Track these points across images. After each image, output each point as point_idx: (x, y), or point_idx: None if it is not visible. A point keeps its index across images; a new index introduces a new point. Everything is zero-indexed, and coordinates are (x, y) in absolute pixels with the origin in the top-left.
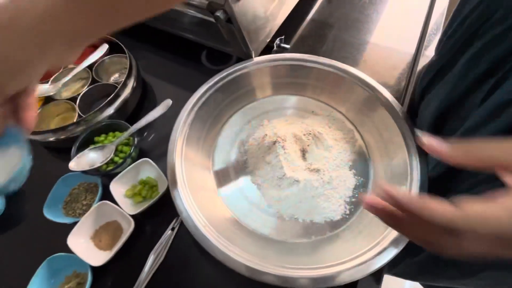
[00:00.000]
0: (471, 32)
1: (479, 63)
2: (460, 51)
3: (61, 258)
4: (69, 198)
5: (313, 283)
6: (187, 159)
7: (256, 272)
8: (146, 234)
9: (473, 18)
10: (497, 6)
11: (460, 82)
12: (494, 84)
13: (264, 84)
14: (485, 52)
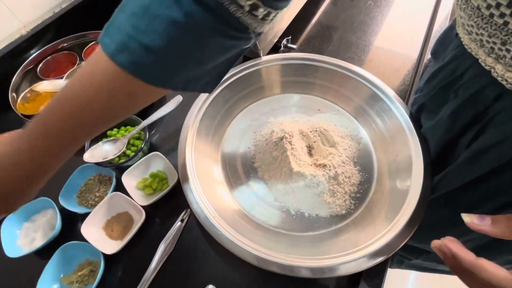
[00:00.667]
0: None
1: (461, 116)
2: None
3: (74, 246)
4: (84, 188)
5: (318, 273)
6: (197, 152)
7: (264, 262)
8: (156, 225)
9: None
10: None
11: (449, 129)
12: (476, 133)
13: (272, 82)
14: (465, 107)
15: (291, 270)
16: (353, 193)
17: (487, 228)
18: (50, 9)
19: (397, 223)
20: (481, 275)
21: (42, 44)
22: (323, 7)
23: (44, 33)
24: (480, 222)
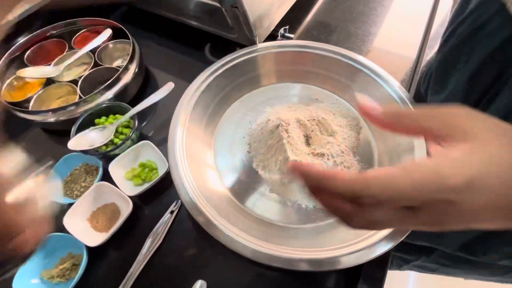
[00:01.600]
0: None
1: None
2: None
3: (56, 238)
4: (69, 178)
5: (317, 265)
6: (188, 144)
7: (259, 254)
8: (144, 217)
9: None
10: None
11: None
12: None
13: (268, 71)
14: (484, 69)
15: (288, 263)
16: None
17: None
18: None
19: None
20: (331, 185)
21: (30, 31)
22: None
23: (32, 20)
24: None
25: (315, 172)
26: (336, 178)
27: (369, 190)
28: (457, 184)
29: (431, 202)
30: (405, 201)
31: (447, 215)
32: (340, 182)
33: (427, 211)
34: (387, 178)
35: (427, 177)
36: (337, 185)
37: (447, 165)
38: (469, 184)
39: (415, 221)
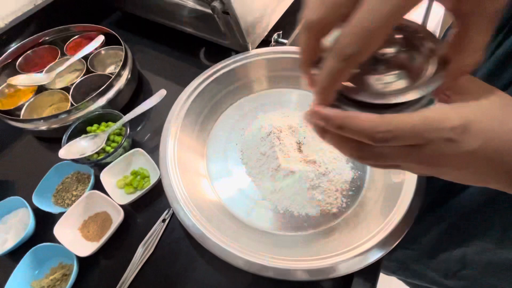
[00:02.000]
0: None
1: None
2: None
3: (46, 248)
4: (61, 186)
5: (309, 275)
6: (180, 151)
7: (252, 265)
8: (136, 225)
9: None
10: None
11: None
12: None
13: (260, 77)
14: None
15: (280, 274)
16: (345, 190)
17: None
18: (30, 1)
19: (393, 217)
20: (352, 126)
21: (22, 38)
22: None
23: (24, 26)
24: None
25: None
26: (356, 118)
27: (389, 125)
28: (456, 124)
29: (434, 139)
30: (414, 139)
31: (445, 154)
32: (362, 120)
33: (429, 148)
34: (404, 117)
35: (435, 117)
36: (358, 123)
37: (449, 108)
38: (466, 126)
39: (417, 158)
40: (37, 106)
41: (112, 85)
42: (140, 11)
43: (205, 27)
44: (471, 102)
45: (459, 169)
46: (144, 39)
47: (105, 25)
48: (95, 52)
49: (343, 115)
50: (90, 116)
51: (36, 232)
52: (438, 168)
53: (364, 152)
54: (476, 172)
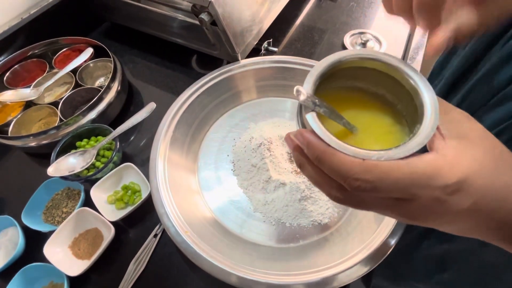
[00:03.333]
0: None
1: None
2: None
3: (36, 268)
4: (51, 203)
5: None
6: (170, 164)
7: (244, 281)
8: (128, 241)
9: None
10: None
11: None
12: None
13: (250, 87)
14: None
15: None
16: None
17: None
18: (17, 15)
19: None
20: (330, 162)
21: (10, 52)
22: (306, 9)
23: (11, 40)
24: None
25: (317, 145)
26: (336, 155)
27: (368, 174)
28: (448, 183)
29: (422, 196)
30: (399, 192)
31: (432, 212)
32: (340, 162)
33: (415, 205)
34: (388, 167)
35: (425, 172)
36: (337, 163)
37: (443, 162)
38: (458, 187)
39: (400, 211)
40: (25, 121)
41: (102, 98)
42: (130, 23)
43: (195, 38)
44: (465, 153)
45: (447, 224)
46: (135, 49)
47: (95, 35)
48: (84, 65)
49: (323, 148)
50: (80, 131)
51: (26, 250)
52: (423, 222)
53: (343, 194)
54: (464, 227)
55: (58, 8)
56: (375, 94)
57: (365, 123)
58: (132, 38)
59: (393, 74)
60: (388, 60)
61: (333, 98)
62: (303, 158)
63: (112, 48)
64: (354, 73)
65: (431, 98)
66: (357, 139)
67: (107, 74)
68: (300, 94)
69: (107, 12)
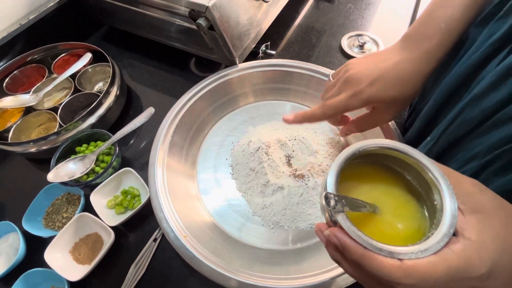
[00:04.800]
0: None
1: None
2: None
3: (38, 274)
4: (51, 208)
5: None
6: (169, 169)
7: (243, 285)
8: (128, 246)
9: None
10: None
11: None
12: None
13: (248, 90)
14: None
15: None
16: None
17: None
18: (16, 21)
19: None
20: (370, 265)
21: (9, 58)
22: (304, 11)
23: (10, 46)
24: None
25: (354, 249)
26: (375, 259)
27: (409, 279)
28: (482, 272)
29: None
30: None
31: None
32: (380, 266)
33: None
34: (426, 268)
35: (459, 266)
36: (376, 267)
37: (471, 251)
38: (490, 273)
39: None
40: (25, 127)
41: (101, 103)
42: (128, 27)
43: (192, 42)
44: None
45: None
46: (133, 52)
47: (93, 40)
48: (82, 70)
49: (361, 252)
50: (79, 136)
51: (27, 256)
52: None
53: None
54: None
55: (57, 14)
56: (387, 167)
57: (381, 194)
58: (131, 42)
59: (409, 161)
60: (407, 151)
61: (349, 174)
62: (339, 255)
63: (110, 52)
64: (370, 155)
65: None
66: (379, 216)
67: (106, 79)
68: (330, 200)
69: (105, 16)
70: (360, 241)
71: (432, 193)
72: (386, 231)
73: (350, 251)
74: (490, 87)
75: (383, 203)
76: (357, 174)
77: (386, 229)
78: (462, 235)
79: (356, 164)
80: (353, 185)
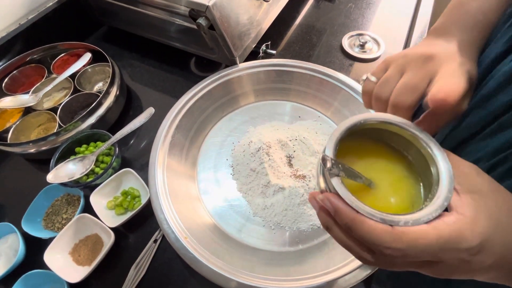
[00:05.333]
0: None
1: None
2: None
3: (37, 275)
4: (50, 209)
5: None
6: (169, 169)
7: (244, 286)
8: (128, 247)
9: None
10: None
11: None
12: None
13: (248, 90)
14: None
15: None
16: None
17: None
18: (15, 21)
19: None
20: (360, 229)
21: (8, 58)
22: (304, 11)
23: (9, 46)
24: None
25: (346, 213)
26: (366, 223)
27: (399, 243)
28: (473, 246)
29: (449, 259)
30: (427, 257)
31: (458, 270)
32: (370, 229)
33: (442, 265)
34: (416, 234)
35: (451, 236)
36: (367, 231)
37: (464, 224)
38: (481, 247)
39: (428, 270)
40: (24, 127)
41: (101, 103)
42: (127, 27)
43: (192, 42)
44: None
45: (471, 277)
46: (133, 52)
47: (93, 40)
48: (82, 70)
49: (352, 216)
50: (79, 137)
51: (26, 257)
52: (449, 277)
53: (373, 258)
54: (488, 278)
55: (56, 14)
56: (387, 145)
57: (378, 170)
58: (130, 42)
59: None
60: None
61: (348, 148)
62: (330, 220)
63: (110, 52)
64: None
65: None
66: (374, 190)
67: (106, 79)
68: (326, 162)
69: (104, 16)
70: (353, 205)
71: (430, 169)
72: (379, 204)
73: (342, 214)
74: (497, 88)
75: (379, 178)
76: (355, 149)
77: (379, 202)
78: (456, 211)
79: (355, 139)
80: (351, 159)
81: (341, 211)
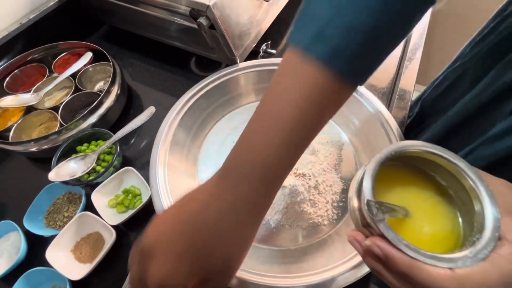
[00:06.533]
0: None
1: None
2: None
3: (39, 273)
4: (52, 208)
5: None
6: (170, 168)
7: (244, 283)
8: (129, 245)
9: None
10: None
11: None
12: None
13: (249, 89)
14: None
15: None
16: (335, 202)
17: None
18: (16, 20)
19: None
20: (419, 276)
21: (9, 57)
22: None
23: (10, 45)
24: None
25: (401, 259)
26: (424, 270)
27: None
28: None
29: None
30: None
31: None
32: (432, 277)
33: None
34: (480, 276)
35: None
36: (427, 278)
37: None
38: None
39: None
40: (26, 126)
41: (102, 102)
42: (128, 26)
43: (193, 41)
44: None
45: None
46: (134, 52)
47: (94, 39)
48: (83, 69)
49: (409, 263)
50: (80, 136)
51: (28, 255)
52: None
53: None
54: None
55: (57, 13)
56: (415, 168)
57: (411, 196)
58: (131, 42)
59: (450, 168)
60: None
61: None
62: (380, 266)
63: (111, 51)
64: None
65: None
66: (410, 219)
67: (107, 78)
68: (372, 209)
69: (105, 15)
70: (408, 252)
71: (466, 195)
72: (419, 234)
73: (397, 262)
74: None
75: (413, 205)
76: (385, 177)
77: (419, 233)
78: (505, 238)
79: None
80: (382, 188)
81: (395, 258)
